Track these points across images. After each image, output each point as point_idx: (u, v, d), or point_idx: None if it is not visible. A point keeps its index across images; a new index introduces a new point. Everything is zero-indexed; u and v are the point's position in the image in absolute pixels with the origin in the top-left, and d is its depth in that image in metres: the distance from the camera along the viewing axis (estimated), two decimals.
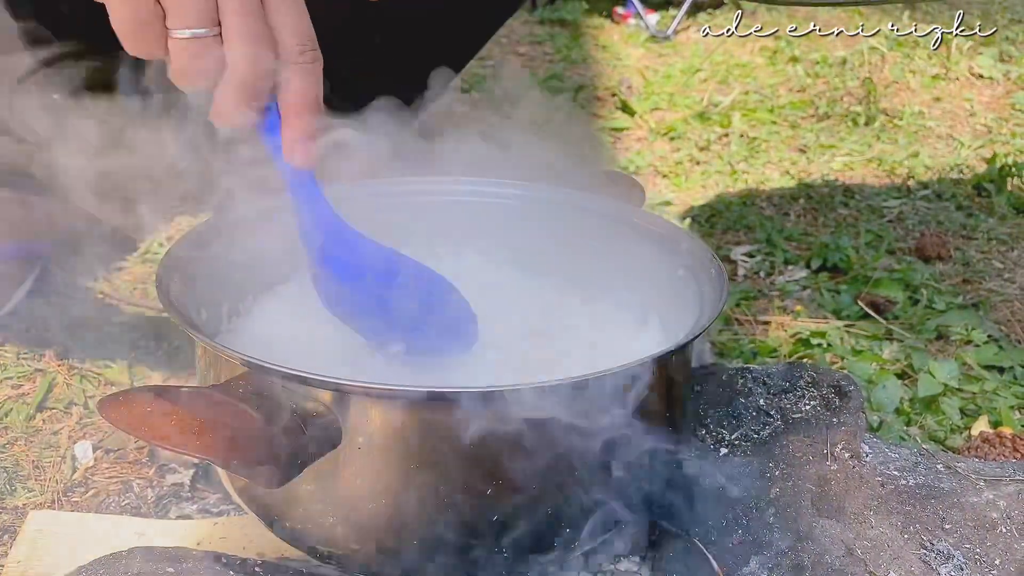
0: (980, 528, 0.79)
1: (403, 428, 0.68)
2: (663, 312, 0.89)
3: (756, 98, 2.27)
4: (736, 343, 1.29)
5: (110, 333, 1.21)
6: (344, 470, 0.68)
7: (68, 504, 0.95)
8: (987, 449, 1.04)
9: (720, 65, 2.49)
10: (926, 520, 0.79)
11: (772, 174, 1.90)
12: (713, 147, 2.02)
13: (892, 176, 1.90)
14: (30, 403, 1.08)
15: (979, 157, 1.97)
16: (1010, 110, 2.22)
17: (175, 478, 0.97)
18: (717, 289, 0.81)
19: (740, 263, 1.54)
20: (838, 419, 0.85)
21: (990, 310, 1.40)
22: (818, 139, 2.06)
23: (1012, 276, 1.51)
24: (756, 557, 0.78)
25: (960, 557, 0.77)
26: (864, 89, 2.22)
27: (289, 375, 0.66)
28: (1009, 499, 0.80)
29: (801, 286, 1.47)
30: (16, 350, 1.18)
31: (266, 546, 0.84)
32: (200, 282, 0.82)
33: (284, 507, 0.73)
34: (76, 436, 1.04)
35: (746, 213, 1.71)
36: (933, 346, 1.31)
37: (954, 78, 2.37)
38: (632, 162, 1.94)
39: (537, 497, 0.70)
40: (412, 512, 0.69)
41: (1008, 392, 1.19)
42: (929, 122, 2.14)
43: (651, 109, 2.22)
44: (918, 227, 1.67)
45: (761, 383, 0.91)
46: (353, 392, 0.66)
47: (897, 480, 0.82)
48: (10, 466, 0.99)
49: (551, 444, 0.68)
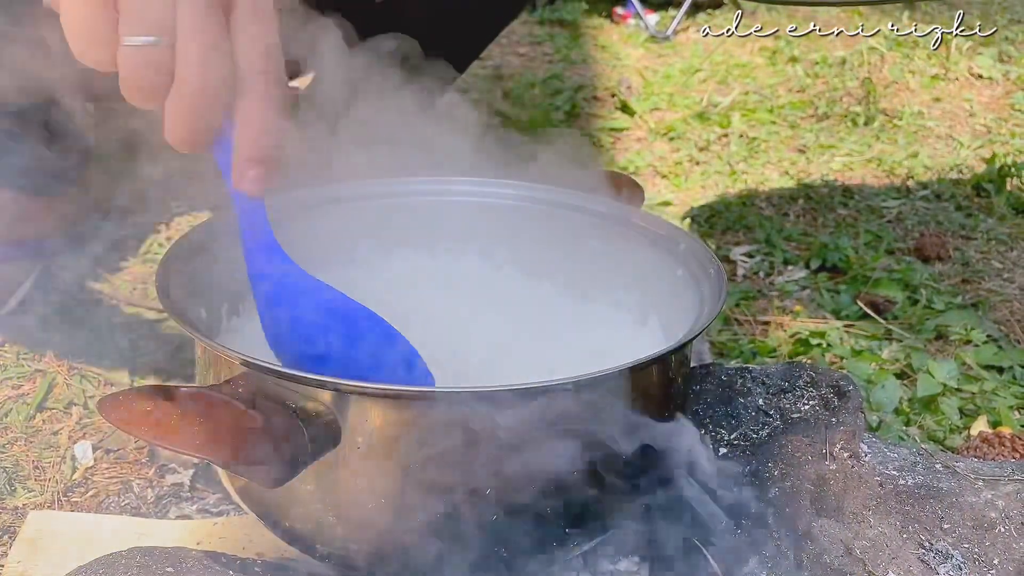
0: (979, 528, 0.79)
1: (402, 428, 0.68)
2: (662, 312, 0.89)
3: (756, 98, 2.27)
4: (735, 343, 1.30)
5: (110, 333, 1.21)
6: (343, 470, 0.68)
7: (68, 504, 0.95)
8: (986, 449, 1.04)
9: (720, 65, 2.49)
10: (925, 520, 0.79)
11: (771, 174, 1.90)
12: (712, 147, 2.02)
13: (891, 176, 1.90)
14: (30, 403, 1.09)
15: (978, 157, 1.97)
16: (1009, 110, 2.22)
17: (175, 478, 0.98)
18: (716, 289, 0.81)
19: (739, 263, 1.54)
20: (837, 419, 0.86)
21: (989, 310, 1.40)
22: (817, 139, 2.06)
23: (1011, 276, 1.51)
24: (755, 557, 0.78)
25: (959, 557, 0.77)
26: (863, 89, 2.22)
27: (288, 375, 0.67)
28: (1008, 499, 0.80)
29: (800, 286, 1.47)
30: (16, 350, 1.18)
31: (266, 546, 0.84)
32: (200, 282, 0.82)
33: (284, 507, 0.73)
34: (76, 436, 1.04)
35: (745, 213, 1.71)
36: (932, 346, 1.31)
37: (953, 78, 2.37)
38: (631, 162, 1.94)
39: (536, 497, 0.70)
40: (411, 512, 0.69)
41: (1007, 392, 1.20)
42: (928, 122, 2.14)
43: (651, 109, 2.22)
44: (917, 227, 1.68)
45: (760, 383, 0.91)
46: (352, 392, 0.66)
47: (896, 480, 0.82)
48: (10, 466, 0.99)
49: (550, 444, 0.68)
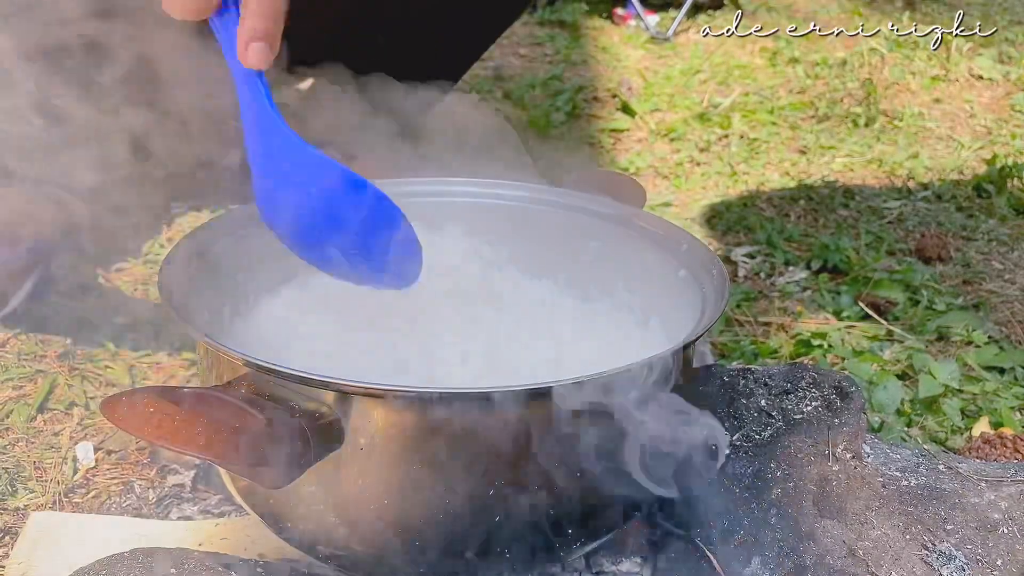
0: (982, 529, 0.79)
1: (405, 429, 0.68)
2: (664, 313, 0.89)
3: (756, 99, 2.27)
4: (737, 344, 1.30)
5: (111, 334, 1.21)
6: (346, 471, 0.68)
7: (69, 505, 0.95)
8: (988, 450, 1.04)
9: (720, 66, 2.49)
10: (928, 521, 0.79)
11: (772, 175, 1.90)
12: (713, 148, 2.02)
13: (892, 177, 1.90)
14: (31, 404, 1.08)
15: (979, 158, 1.97)
16: (1010, 111, 2.22)
17: (176, 479, 0.97)
18: (718, 290, 0.81)
19: (741, 264, 1.54)
20: (839, 420, 0.85)
21: (990, 311, 1.40)
22: (818, 140, 2.06)
23: (1012, 277, 1.51)
24: (758, 557, 0.78)
25: (962, 558, 0.77)
26: (864, 90, 2.22)
27: (291, 376, 0.66)
28: (1011, 500, 0.80)
29: (801, 287, 1.47)
30: (17, 351, 1.18)
31: (267, 547, 0.84)
32: (202, 283, 0.82)
33: (286, 508, 0.73)
34: (77, 437, 1.04)
35: (746, 214, 1.71)
36: (934, 347, 1.31)
37: (954, 79, 2.37)
38: (632, 163, 1.94)
39: (539, 498, 0.70)
40: (413, 513, 0.69)
41: (1009, 393, 1.20)
42: (929, 123, 2.14)
43: (651, 110, 2.22)
44: (918, 228, 1.68)
45: (762, 384, 0.91)
46: (355, 393, 0.66)
47: (899, 481, 0.82)
48: (11, 467, 0.99)
49: (551, 445, 0.68)
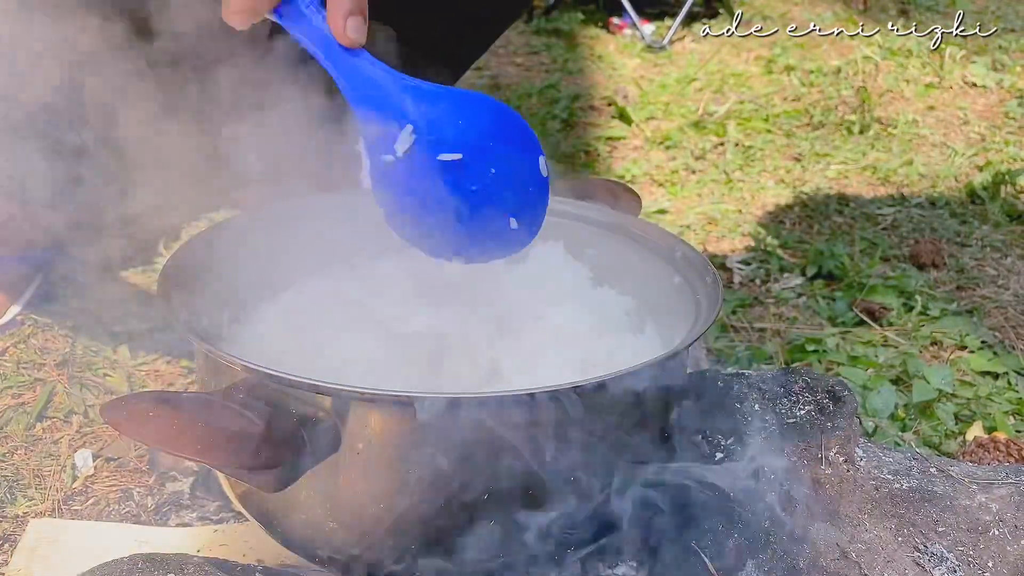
0: (973, 531, 0.79)
1: (401, 433, 0.68)
2: (659, 319, 0.90)
3: (751, 107, 2.28)
4: (732, 350, 1.30)
5: (110, 341, 1.22)
6: (343, 475, 0.69)
7: (68, 512, 0.95)
8: (982, 454, 1.05)
9: (715, 75, 2.50)
10: (920, 523, 0.80)
11: (767, 182, 1.91)
12: (708, 156, 2.03)
13: (886, 184, 1.91)
14: (30, 412, 1.09)
15: (973, 165, 1.98)
16: (1003, 118, 2.23)
17: (175, 486, 0.98)
18: (713, 297, 0.82)
19: (736, 271, 1.55)
20: (832, 424, 0.86)
21: (984, 316, 1.41)
22: (813, 148, 2.07)
23: (1006, 283, 1.52)
24: (752, 560, 0.78)
25: (953, 560, 0.77)
26: (858, 98, 2.23)
27: (289, 381, 0.67)
28: (1001, 502, 0.81)
29: (796, 293, 1.48)
30: (16, 360, 1.18)
31: (266, 552, 0.85)
32: (201, 289, 0.82)
33: (284, 512, 0.73)
34: (76, 445, 1.05)
35: (742, 221, 1.72)
36: (928, 352, 1.31)
37: (948, 87, 2.38)
38: (628, 171, 1.95)
39: (534, 501, 0.71)
40: (411, 516, 0.70)
41: (1002, 397, 1.20)
42: (923, 130, 2.15)
43: (647, 118, 2.23)
44: (912, 234, 1.69)
45: (756, 388, 0.92)
46: (352, 398, 0.67)
47: (891, 484, 0.83)
48: (10, 475, 0.99)
49: (548, 449, 0.69)
